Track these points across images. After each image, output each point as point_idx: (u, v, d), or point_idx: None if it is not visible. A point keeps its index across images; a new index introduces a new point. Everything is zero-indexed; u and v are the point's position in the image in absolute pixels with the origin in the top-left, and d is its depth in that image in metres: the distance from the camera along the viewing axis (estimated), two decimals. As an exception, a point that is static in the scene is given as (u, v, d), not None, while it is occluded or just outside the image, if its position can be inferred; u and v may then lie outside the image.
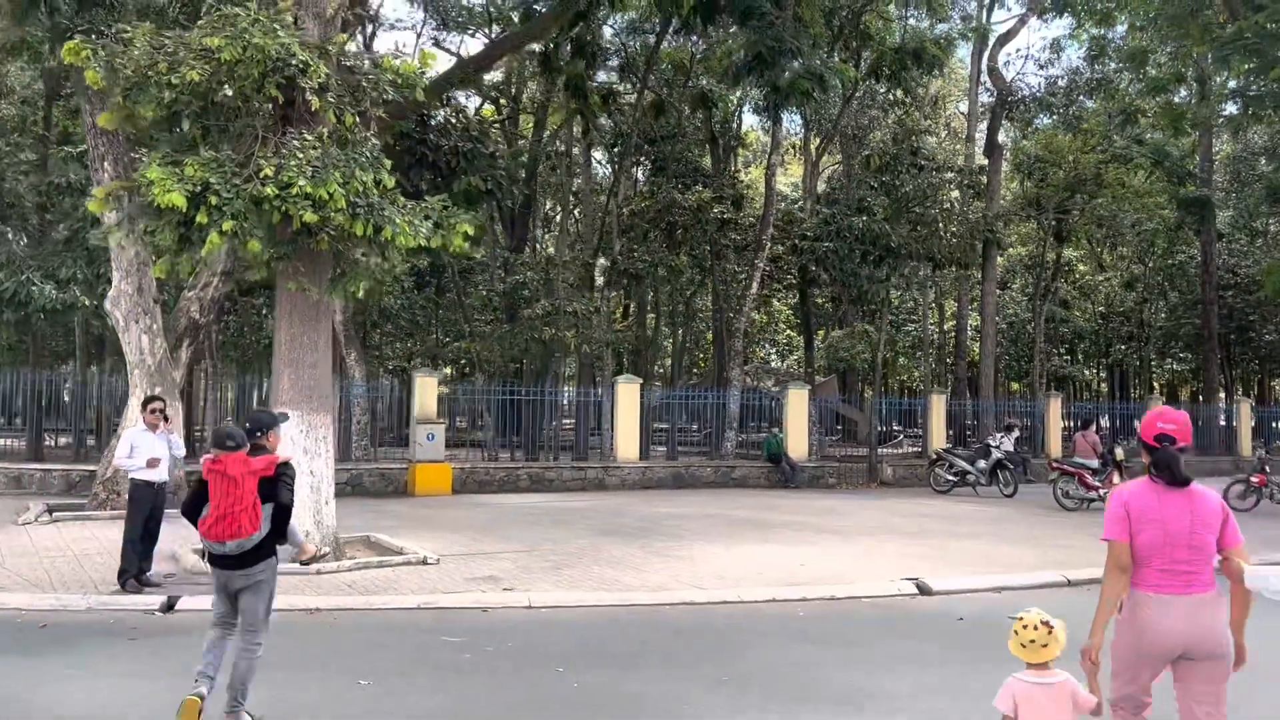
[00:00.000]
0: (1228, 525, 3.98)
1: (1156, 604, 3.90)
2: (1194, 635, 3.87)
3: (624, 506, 16.70)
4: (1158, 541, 3.92)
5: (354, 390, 18.95)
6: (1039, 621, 3.67)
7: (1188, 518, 3.93)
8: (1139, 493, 4.03)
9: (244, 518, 5.20)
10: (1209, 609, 3.91)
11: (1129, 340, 47.83)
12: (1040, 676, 3.66)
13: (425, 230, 10.08)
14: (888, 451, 26.99)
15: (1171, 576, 3.91)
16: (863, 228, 23.58)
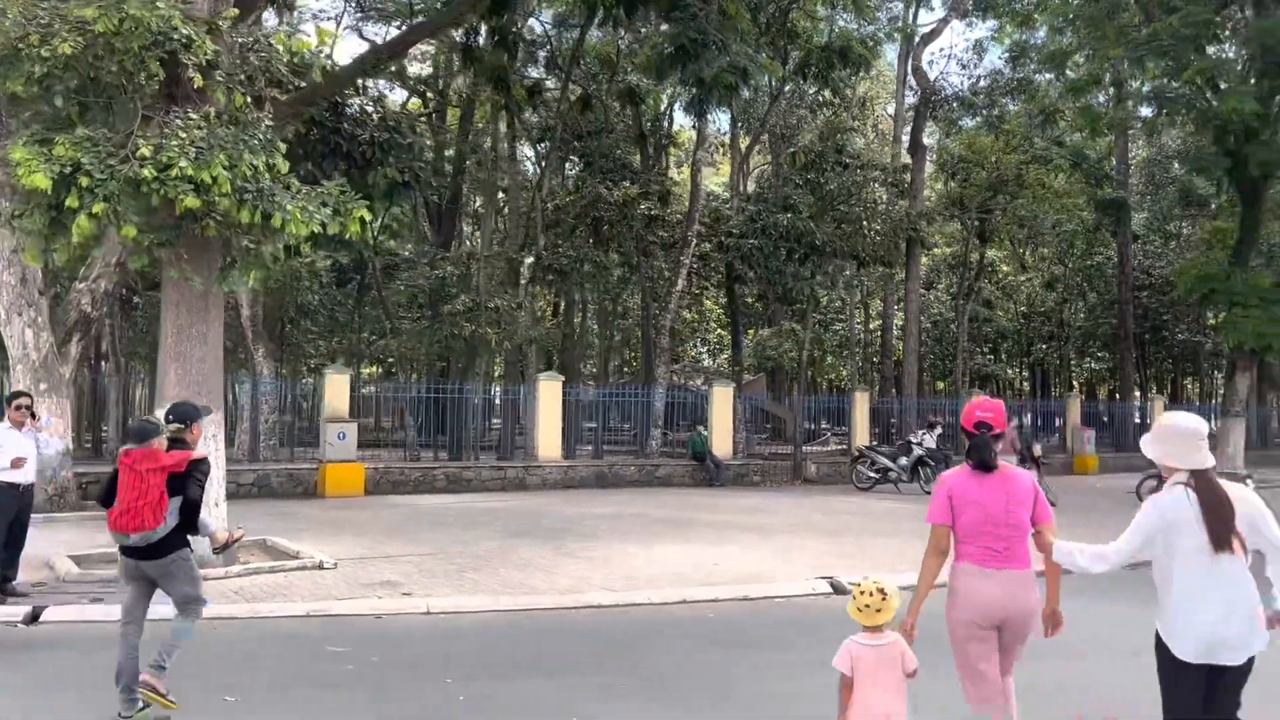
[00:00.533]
0: (1039, 503, 4.27)
1: (980, 577, 4.21)
2: (1011, 605, 4.19)
3: (542, 507, 16.29)
4: (978, 522, 4.23)
5: (262, 388, 18.21)
6: (875, 588, 3.99)
7: (1003, 499, 4.22)
8: (959, 479, 4.33)
9: (147, 512, 5.25)
10: (1023, 584, 4.23)
11: (1049, 339, 48.83)
12: (873, 639, 3.98)
13: (322, 217, 9.56)
14: (814, 449, 26.97)
15: (992, 553, 4.21)
16: (787, 225, 23.48)
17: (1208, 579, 3.80)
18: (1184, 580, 3.84)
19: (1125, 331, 35.81)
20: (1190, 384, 54.52)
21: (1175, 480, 3.94)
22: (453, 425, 21.59)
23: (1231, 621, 3.77)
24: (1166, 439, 4.00)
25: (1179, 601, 3.86)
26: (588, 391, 23.63)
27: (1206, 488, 3.85)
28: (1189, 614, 3.82)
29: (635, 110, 31.36)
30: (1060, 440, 29.92)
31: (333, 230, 9.77)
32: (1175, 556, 3.86)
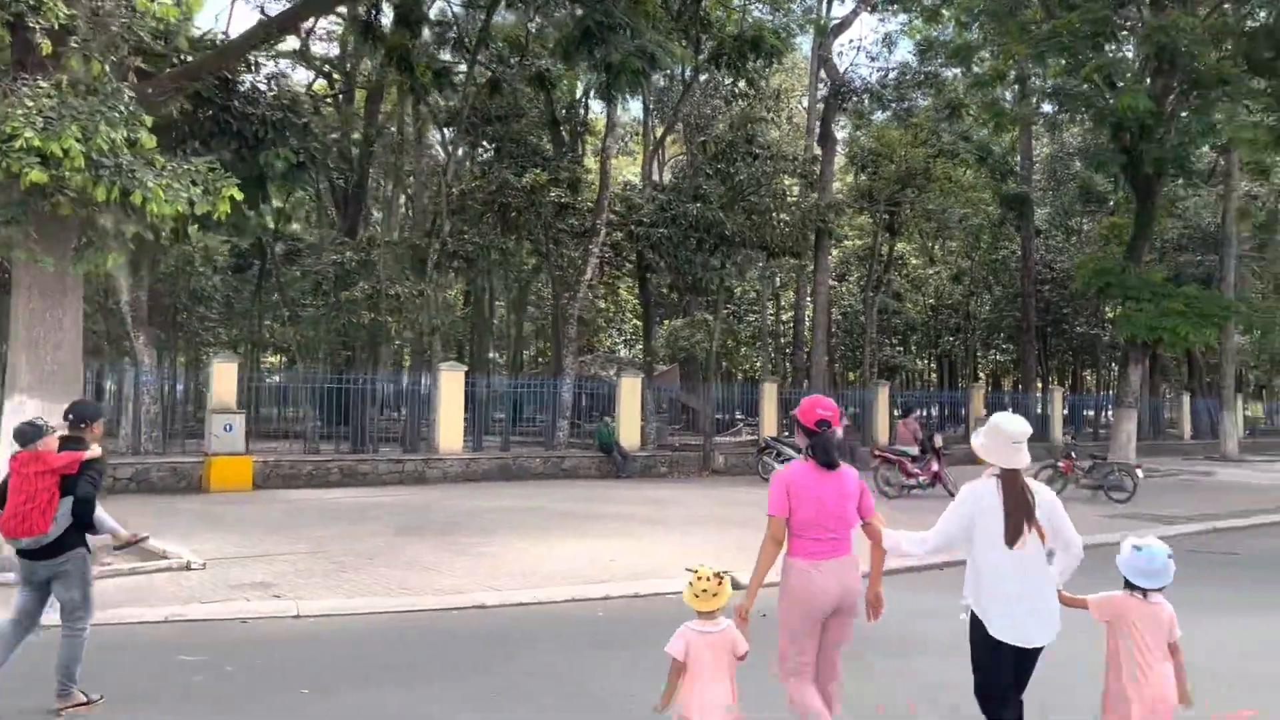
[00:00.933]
0: (864, 497, 4.51)
1: (814, 569, 4.37)
2: (842, 592, 4.39)
3: (439, 501, 15.81)
4: (813, 516, 4.38)
5: (143, 377, 17.30)
6: (712, 574, 4.05)
7: (837, 495, 4.42)
8: (798, 474, 4.46)
9: (35, 515, 5.21)
10: (851, 569, 4.45)
11: (956, 332, 49.84)
12: (706, 625, 4.04)
13: (190, 195, 8.96)
14: (725, 440, 26.94)
15: (824, 545, 4.39)
16: (697, 215, 23.29)
17: (1017, 570, 4.14)
18: (994, 568, 4.18)
19: (1028, 324, 36.64)
20: (1089, 376, 56.27)
21: (991, 472, 4.29)
22: (358, 416, 20.87)
23: (1033, 608, 4.14)
24: (992, 438, 4.33)
25: (990, 585, 4.19)
26: (493, 382, 23.11)
27: (1011, 485, 4.20)
28: (999, 598, 4.17)
29: (547, 96, 30.81)
30: (965, 431, 30.45)
31: (201, 210, 9.17)
32: (986, 541, 4.19)
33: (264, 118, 19.06)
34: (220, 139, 18.93)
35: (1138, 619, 4.17)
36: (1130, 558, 4.23)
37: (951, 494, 18.58)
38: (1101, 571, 4.61)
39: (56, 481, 5.27)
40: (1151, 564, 4.18)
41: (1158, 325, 21.52)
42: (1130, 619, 4.19)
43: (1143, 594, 4.20)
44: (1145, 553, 4.21)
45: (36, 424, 5.53)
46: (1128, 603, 4.22)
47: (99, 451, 5.62)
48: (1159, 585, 4.20)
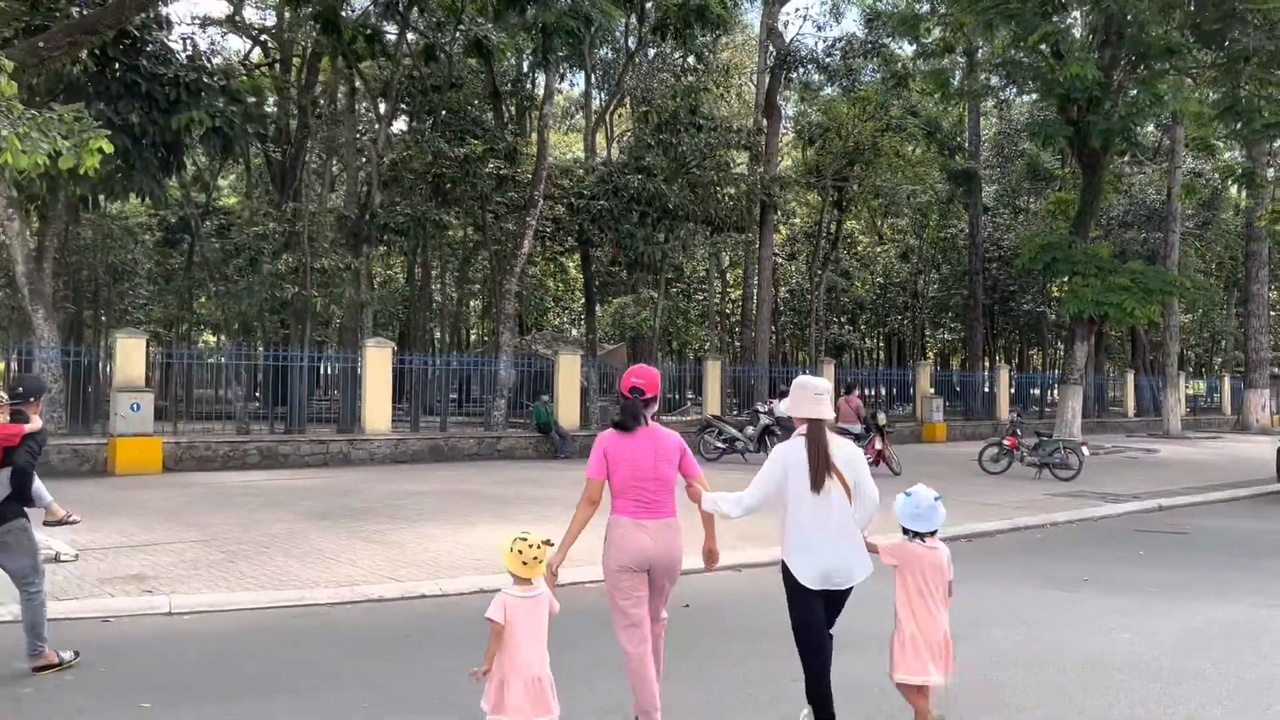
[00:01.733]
0: (685, 459, 4.73)
1: (632, 526, 4.58)
2: (659, 551, 4.58)
3: (359, 484, 14.97)
4: (630, 477, 4.58)
5: (43, 354, 16.19)
6: (540, 542, 4.10)
7: (651, 456, 4.61)
8: (614, 438, 4.65)
9: None
10: (670, 530, 4.64)
11: (905, 310, 49.74)
12: (525, 590, 4.11)
13: (53, 147, 8.04)
14: (673, 420, 26.32)
15: (642, 505, 4.60)
16: (639, 186, 22.54)
17: (821, 517, 4.43)
18: (801, 517, 4.46)
19: (975, 302, 36.48)
20: (1035, 354, 56.58)
21: (799, 431, 4.53)
22: (291, 396, 19.86)
23: (840, 554, 4.42)
24: (793, 395, 4.60)
25: (798, 536, 4.48)
26: (424, 360, 22.22)
27: (814, 436, 4.46)
28: (807, 548, 4.45)
29: (489, 66, 29.80)
30: (912, 410, 30.14)
31: (65, 164, 8.26)
32: (795, 496, 4.47)
33: (176, 78, 18.01)
34: (127, 101, 17.85)
35: (920, 562, 4.54)
36: (901, 504, 4.65)
37: (895, 472, 18.28)
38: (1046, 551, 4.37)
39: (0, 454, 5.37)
40: (919, 507, 4.59)
41: (1104, 301, 21.25)
42: (913, 562, 4.55)
43: (920, 539, 4.59)
44: (913, 498, 4.63)
45: (19, 390, 5.66)
46: (910, 548, 4.58)
47: (39, 425, 5.69)
48: (930, 529, 4.59)
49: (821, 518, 4.44)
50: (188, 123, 17.55)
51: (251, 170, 33.95)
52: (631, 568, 4.58)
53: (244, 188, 38.07)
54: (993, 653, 6.48)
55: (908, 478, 17.38)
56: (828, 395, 4.58)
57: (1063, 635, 6.98)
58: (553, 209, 26.86)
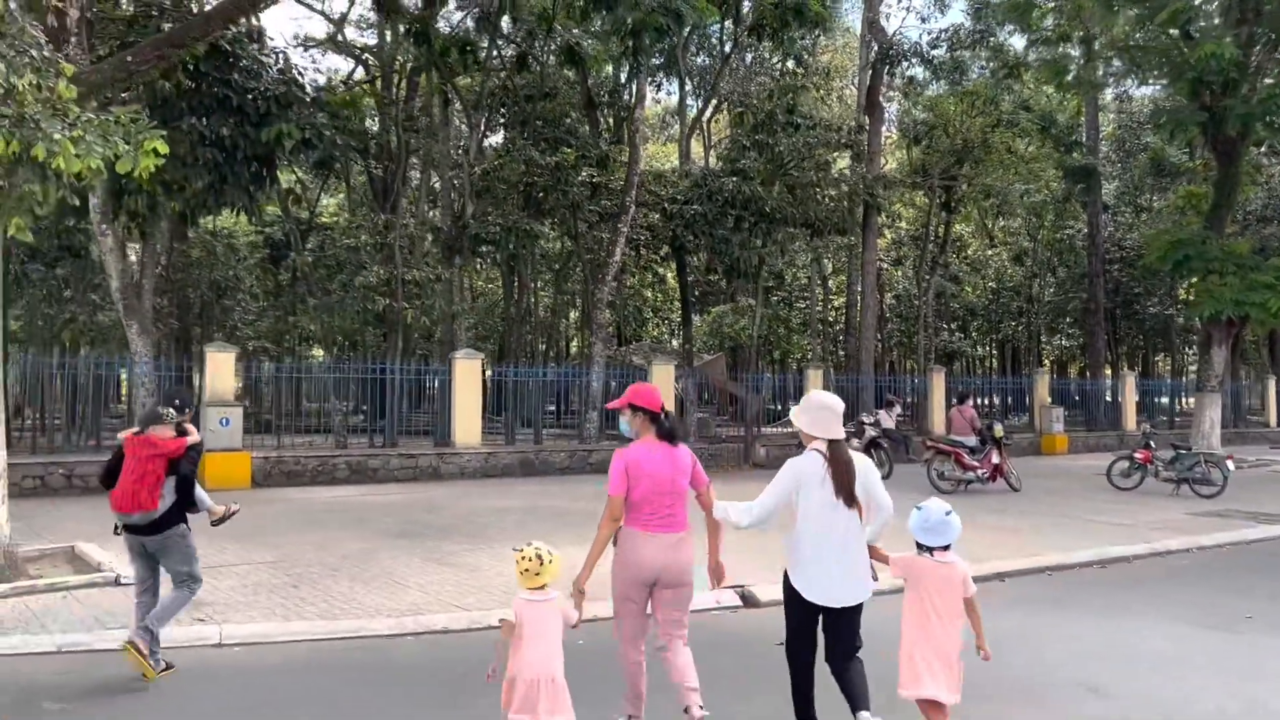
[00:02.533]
0: (695, 469, 4.76)
1: (645, 539, 4.60)
2: (668, 564, 4.59)
3: (444, 500, 14.50)
4: (649, 491, 4.61)
5: (136, 369, 16.24)
6: (535, 554, 4.24)
7: (670, 469, 4.65)
8: (635, 453, 4.69)
9: (144, 494, 5.75)
10: (682, 545, 4.65)
11: (1019, 316, 47.51)
12: (536, 595, 4.25)
13: (107, 151, 7.69)
14: (773, 431, 25.36)
15: (658, 519, 4.62)
16: (734, 189, 21.67)
17: (830, 534, 4.45)
18: (810, 533, 4.48)
19: (1096, 305, 34.36)
20: (1162, 360, 53.42)
21: (814, 446, 4.57)
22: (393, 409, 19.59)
23: (844, 571, 4.45)
24: (809, 412, 4.64)
25: (805, 551, 4.49)
26: (519, 372, 21.76)
27: (837, 452, 4.53)
28: (812, 563, 4.48)
29: (581, 75, 29.44)
30: (1030, 420, 28.43)
31: (123, 168, 7.90)
32: (806, 510, 4.48)
33: (266, 91, 17.99)
34: (220, 115, 17.90)
35: (928, 577, 4.50)
36: (914, 519, 4.60)
37: (1015, 488, 16.98)
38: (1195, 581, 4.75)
39: (165, 464, 5.82)
40: (929, 521, 4.55)
41: (1245, 300, 19.47)
42: (921, 577, 4.52)
43: (931, 553, 4.55)
44: (925, 511, 4.59)
45: (159, 410, 5.99)
46: (919, 562, 4.57)
47: (199, 436, 6.13)
48: (942, 543, 4.53)
49: (829, 533, 4.50)
50: (277, 135, 17.45)
51: (355, 188, 34.36)
52: (640, 580, 4.66)
53: (349, 205, 38.74)
54: (1160, 708, 5.44)
55: (1029, 494, 16.07)
56: (841, 412, 4.69)
57: (1237, 686, 5.88)
58: (646, 216, 26.23)
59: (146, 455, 5.80)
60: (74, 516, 12.14)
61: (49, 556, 9.31)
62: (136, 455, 5.81)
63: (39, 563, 9.07)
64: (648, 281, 43.54)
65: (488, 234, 22.29)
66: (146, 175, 7.94)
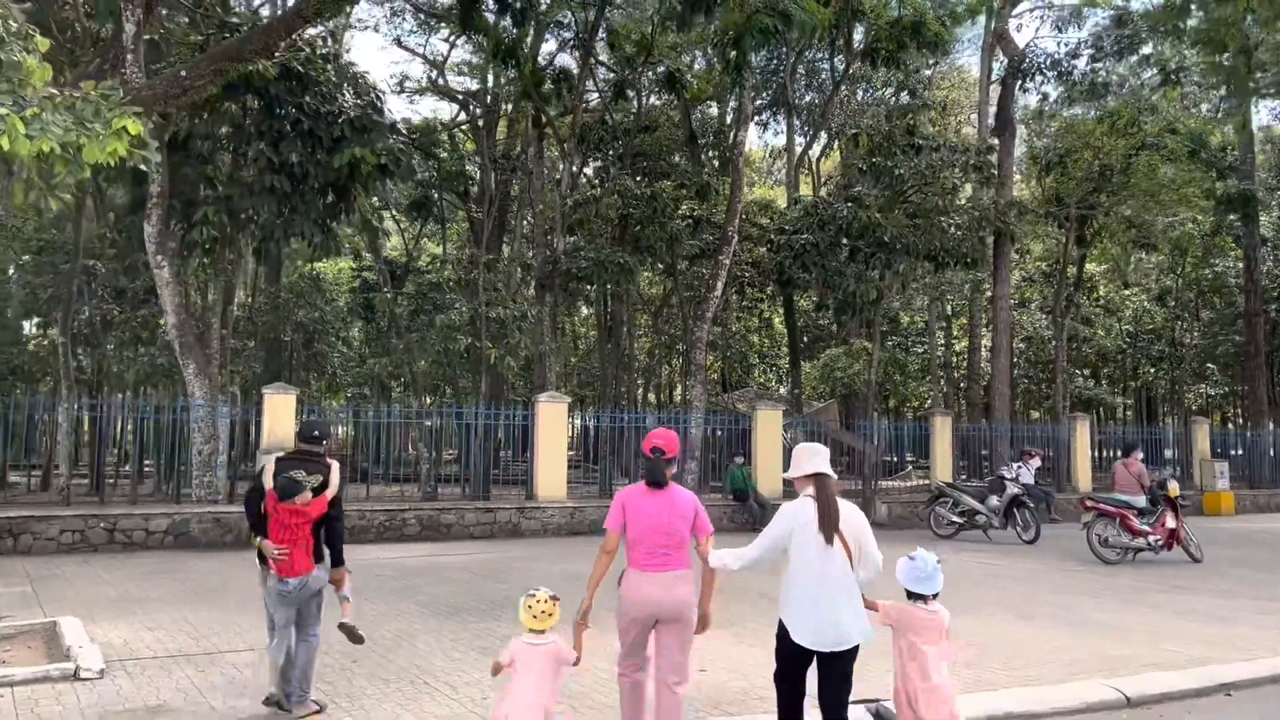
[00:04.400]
0: (698, 518, 4.93)
1: (642, 578, 4.82)
2: (665, 601, 4.80)
3: (517, 563, 12.64)
4: (644, 531, 4.83)
5: (194, 413, 14.96)
6: (548, 597, 4.52)
7: (666, 513, 4.85)
8: (634, 493, 4.95)
9: (301, 557, 5.67)
10: (679, 583, 4.83)
11: (1158, 361, 43.64)
12: (535, 640, 4.47)
13: (62, 132, 6.15)
14: (892, 485, 22.87)
15: (654, 557, 4.82)
16: (848, 217, 19.53)
17: (822, 579, 4.59)
18: (802, 578, 4.63)
19: (1255, 349, 30.72)
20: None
21: (805, 492, 4.78)
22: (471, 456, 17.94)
23: (836, 615, 4.56)
24: (795, 459, 4.87)
25: (796, 597, 4.65)
26: (614, 417, 19.92)
27: (822, 492, 4.69)
28: (801, 606, 4.62)
29: (682, 106, 27.89)
30: (1178, 472, 25.09)
31: (90, 156, 6.35)
32: (797, 554, 4.64)
33: (340, 113, 16.79)
34: (289, 142, 16.75)
35: (918, 624, 4.74)
36: (905, 568, 4.84)
37: (1195, 558, 14.11)
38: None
39: (312, 525, 5.72)
40: (923, 571, 4.79)
41: None
42: (912, 624, 4.75)
43: (923, 600, 4.78)
44: (918, 562, 4.82)
45: (297, 480, 5.68)
46: (909, 610, 4.79)
47: (337, 482, 5.89)
48: (932, 591, 4.78)
49: (821, 577, 4.58)
50: (351, 161, 16.15)
51: (458, 233, 33.49)
52: (638, 618, 4.82)
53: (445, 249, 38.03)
54: None
55: (1214, 566, 13.28)
56: (826, 454, 4.83)
57: None
58: (751, 251, 24.29)
59: (294, 523, 5.65)
60: (98, 579, 10.70)
61: (24, 635, 7.74)
62: (283, 522, 5.65)
63: (9, 643, 7.51)
64: (753, 325, 41.49)
65: (580, 269, 20.62)
66: (115, 159, 6.34)
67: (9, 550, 12.53)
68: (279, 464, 5.89)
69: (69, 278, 19.64)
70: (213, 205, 15.61)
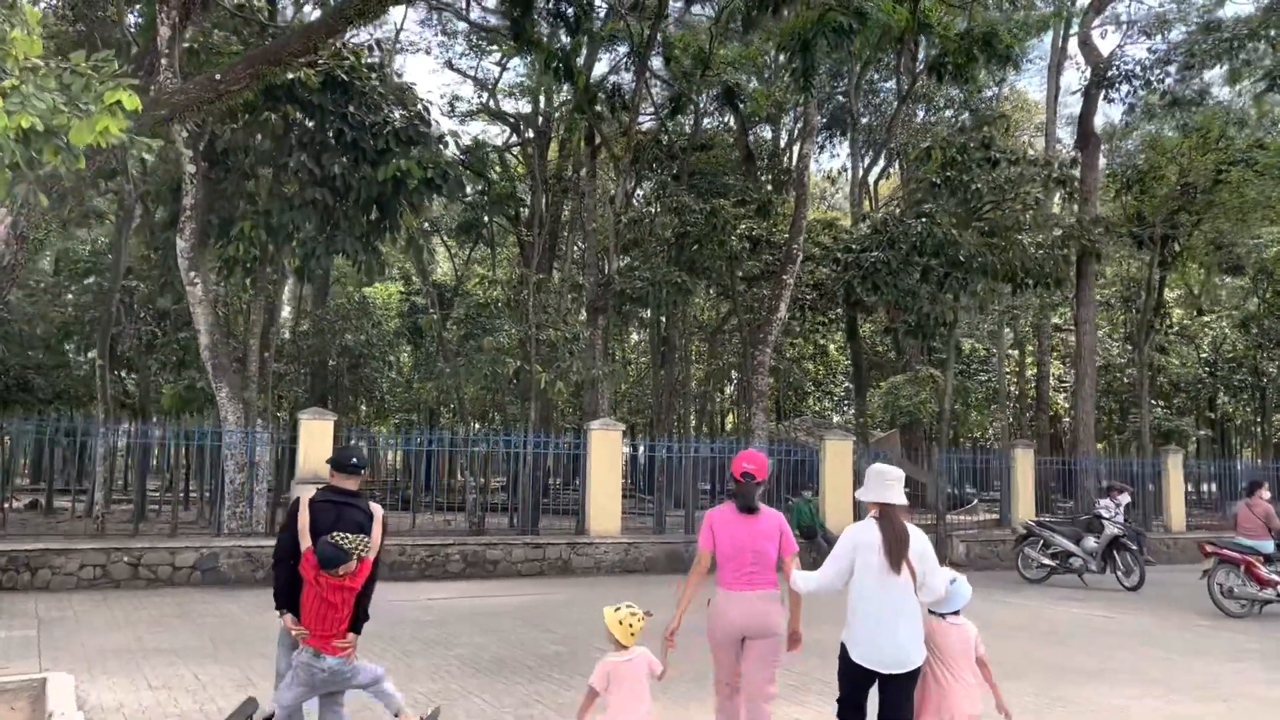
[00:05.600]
0: (784, 538, 5.03)
1: (730, 598, 4.94)
2: (751, 620, 4.92)
3: (568, 607, 11.49)
4: (731, 551, 4.95)
5: (228, 439, 14.08)
6: (643, 613, 4.55)
7: (752, 534, 4.96)
8: (722, 513, 5.06)
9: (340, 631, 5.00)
10: (766, 602, 4.95)
11: (1239, 391, 41.48)
12: (623, 655, 4.48)
13: (47, 108, 5.21)
14: (960, 519, 21.39)
15: (740, 577, 4.94)
16: (923, 233, 18.25)
17: (884, 600, 4.59)
18: (864, 598, 4.64)
19: (1352, 378, 28.73)
20: None
21: (872, 514, 4.77)
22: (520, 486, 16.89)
23: (896, 637, 4.57)
24: (867, 480, 4.81)
25: (860, 617, 4.65)
26: (670, 446, 18.77)
27: (889, 520, 4.68)
28: (862, 626, 4.63)
29: (739, 121, 26.91)
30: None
31: (79, 140, 5.39)
32: (860, 575, 4.64)
33: (386, 123, 15.98)
34: (332, 155, 15.97)
35: (940, 639, 4.73)
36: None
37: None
38: None
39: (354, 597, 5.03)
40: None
41: None
42: (934, 639, 4.72)
43: (942, 618, 4.78)
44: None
45: (342, 548, 4.90)
46: (932, 625, 4.76)
47: (379, 538, 5.21)
48: (954, 609, 4.80)
49: (882, 599, 4.58)
50: (396, 173, 15.29)
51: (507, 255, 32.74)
52: (725, 637, 4.95)
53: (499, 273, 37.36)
54: None
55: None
56: (900, 482, 4.73)
57: None
58: (812, 273, 23.08)
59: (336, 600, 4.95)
60: (112, 622, 9.75)
61: (10, 693, 6.77)
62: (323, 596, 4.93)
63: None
64: (808, 352, 40.16)
65: (635, 289, 19.57)
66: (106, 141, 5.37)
67: (26, 585, 11.67)
68: (314, 507, 5.12)
69: (109, 298, 19.02)
70: (250, 220, 14.83)
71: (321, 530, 4.97)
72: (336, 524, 5.01)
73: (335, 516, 5.04)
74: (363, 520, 5.10)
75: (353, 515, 5.07)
